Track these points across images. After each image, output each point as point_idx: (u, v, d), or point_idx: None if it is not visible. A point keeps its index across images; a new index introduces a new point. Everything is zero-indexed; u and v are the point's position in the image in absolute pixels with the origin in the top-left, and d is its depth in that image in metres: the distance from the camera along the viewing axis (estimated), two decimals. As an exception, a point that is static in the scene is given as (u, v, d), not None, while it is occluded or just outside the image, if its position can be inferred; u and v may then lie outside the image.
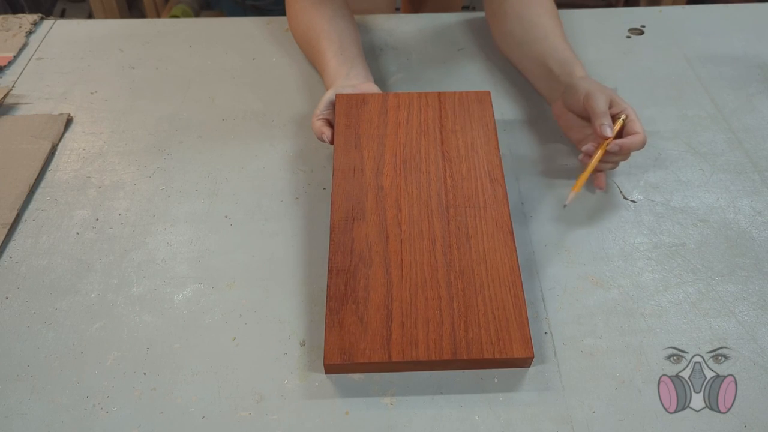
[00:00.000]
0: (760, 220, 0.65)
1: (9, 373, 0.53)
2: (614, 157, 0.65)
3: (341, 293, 0.54)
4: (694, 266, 0.60)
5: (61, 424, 0.50)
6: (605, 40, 0.88)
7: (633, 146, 0.63)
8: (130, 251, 0.62)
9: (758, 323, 0.56)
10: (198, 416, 0.50)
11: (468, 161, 0.63)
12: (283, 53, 0.86)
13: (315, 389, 0.52)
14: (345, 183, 0.61)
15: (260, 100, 0.79)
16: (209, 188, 0.68)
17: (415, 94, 0.69)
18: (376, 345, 0.51)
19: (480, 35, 0.88)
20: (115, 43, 0.88)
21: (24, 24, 0.90)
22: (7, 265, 0.61)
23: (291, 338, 0.55)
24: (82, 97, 0.79)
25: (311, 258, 0.61)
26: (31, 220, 0.65)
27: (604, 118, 0.63)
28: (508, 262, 0.56)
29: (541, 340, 0.55)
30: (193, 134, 0.74)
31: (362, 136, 0.65)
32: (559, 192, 0.67)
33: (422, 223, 0.58)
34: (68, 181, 0.69)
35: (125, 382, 0.52)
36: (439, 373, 0.53)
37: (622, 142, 0.62)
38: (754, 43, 0.87)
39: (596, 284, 0.59)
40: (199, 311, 0.57)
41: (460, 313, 0.52)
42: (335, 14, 0.77)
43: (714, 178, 0.69)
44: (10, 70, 0.83)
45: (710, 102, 0.78)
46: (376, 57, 0.85)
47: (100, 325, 0.56)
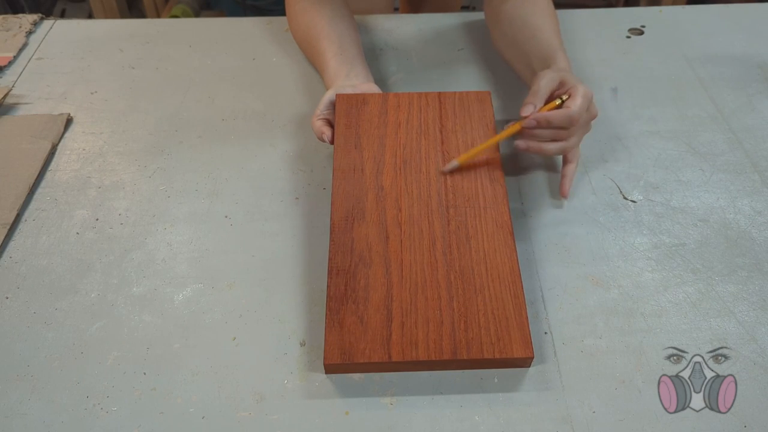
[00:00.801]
0: (760, 220, 0.65)
1: (9, 373, 0.53)
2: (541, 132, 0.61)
3: (341, 293, 0.54)
4: (694, 266, 0.60)
5: (61, 424, 0.50)
6: (605, 40, 0.88)
7: (552, 119, 0.59)
8: (130, 251, 0.62)
9: (758, 323, 0.56)
10: (198, 416, 0.50)
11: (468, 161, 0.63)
12: (283, 53, 0.86)
13: (315, 389, 0.52)
14: (345, 183, 0.61)
15: (260, 100, 0.79)
16: (209, 188, 0.68)
17: (415, 94, 0.69)
18: (376, 345, 0.51)
19: (480, 35, 0.88)
20: (115, 43, 0.88)
21: (24, 24, 0.90)
22: (7, 265, 0.61)
23: (291, 338, 0.55)
24: (82, 97, 0.79)
25: (311, 258, 0.61)
26: (31, 220, 0.65)
27: (530, 97, 0.60)
28: (508, 262, 0.56)
29: (541, 340, 0.55)
30: (193, 134, 0.74)
31: (362, 136, 0.65)
32: (559, 192, 0.67)
33: (422, 223, 0.58)
34: (68, 181, 0.69)
35: (125, 382, 0.52)
36: (439, 373, 0.53)
37: (537, 115, 0.60)
38: (754, 43, 0.87)
39: (596, 284, 0.59)
40: (199, 311, 0.57)
41: (460, 313, 0.52)
42: (335, 14, 0.77)
43: (714, 178, 0.69)
44: (10, 70, 0.83)
45: (710, 102, 0.78)
46: (376, 57, 0.85)
47: (100, 325, 0.56)
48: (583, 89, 0.61)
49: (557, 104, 0.61)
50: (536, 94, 0.61)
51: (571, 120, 0.60)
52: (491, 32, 0.83)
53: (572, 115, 0.60)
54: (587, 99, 0.61)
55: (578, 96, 0.60)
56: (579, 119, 0.60)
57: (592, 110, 0.63)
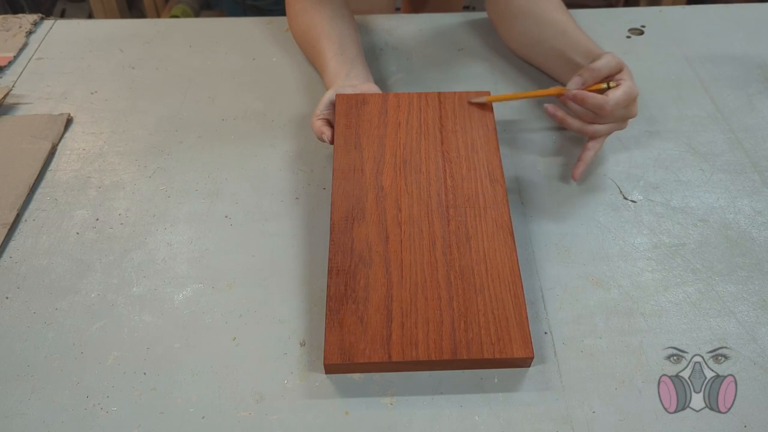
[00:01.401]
0: (760, 220, 0.65)
1: (9, 373, 0.53)
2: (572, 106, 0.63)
3: (341, 293, 0.54)
4: (694, 266, 0.60)
5: (61, 424, 0.50)
6: (605, 40, 0.88)
7: (587, 99, 0.61)
8: (130, 251, 0.62)
9: (758, 323, 0.56)
10: (198, 416, 0.50)
11: (468, 161, 0.63)
12: (283, 53, 0.86)
13: (315, 389, 0.52)
14: (345, 183, 0.61)
15: (260, 100, 0.79)
16: (209, 188, 0.68)
17: (415, 94, 0.69)
18: (376, 345, 0.51)
19: (480, 35, 0.88)
20: (115, 43, 0.88)
21: (24, 24, 0.90)
22: (7, 265, 0.61)
23: (291, 338, 0.55)
24: (82, 97, 0.80)
25: (311, 258, 0.61)
26: (31, 220, 0.65)
27: (585, 71, 0.62)
28: (508, 262, 0.56)
29: (541, 340, 0.55)
30: (193, 134, 0.74)
31: (362, 136, 0.65)
32: (559, 192, 0.67)
33: (422, 223, 0.58)
34: (68, 181, 0.69)
35: (125, 382, 0.52)
36: (439, 373, 0.53)
37: (576, 91, 0.61)
38: (754, 43, 0.87)
39: (596, 284, 0.59)
40: (199, 311, 0.57)
41: (460, 313, 0.52)
42: (335, 14, 0.77)
43: (714, 178, 0.69)
44: (10, 70, 0.83)
45: (710, 102, 0.78)
46: (376, 57, 0.85)
47: (100, 325, 0.56)
48: (629, 86, 0.62)
49: (603, 87, 0.62)
50: (592, 70, 0.62)
51: (603, 109, 0.61)
52: (502, 31, 0.82)
53: (605, 105, 0.61)
54: (629, 97, 0.62)
55: (620, 90, 0.62)
56: (611, 112, 0.62)
57: (632, 109, 0.64)
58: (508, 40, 0.82)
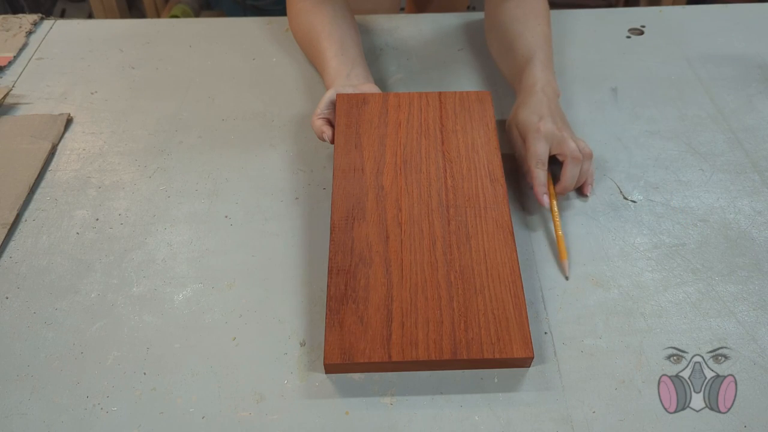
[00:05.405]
0: (760, 220, 0.65)
1: (9, 373, 0.53)
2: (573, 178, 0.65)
3: (341, 293, 0.54)
4: (694, 266, 0.60)
5: (61, 424, 0.50)
6: (605, 40, 0.88)
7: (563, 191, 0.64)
8: (130, 251, 0.62)
9: (758, 323, 0.56)
10: (198, 416, 0.50)
11: (468, 161, 0.63)
12: (283, 53, 0.86)
13: (315, 389, 0.52)
14: (345, 183, 0.61)
15: (260, 100, 0.79)
16: (209, 188, 0.68)
17: (416, 94, 0.69)
18: (376, 345, 0.51)
19: (480, 36, 0.88)
20: (115, 43, 0.88)
21: (24, 24, 0.90)
22: (7, 265, 0.61)
23: (291, 338, 0.55)
24: (82, 97, 0.79)
25: (311, 258, 0.61)
26: (31, 220, 0.65)
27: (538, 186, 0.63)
28: (508, 262, 0.55)
29: (541, 340, 0.55)
30: (193, 134, 0.74)
31: (362, 135, 0.65)
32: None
33: (422, 223, 0.58)
34: (68, 181, 0.69)
35: (125, 382, 0.52)
36: (439, 373, 0.53)
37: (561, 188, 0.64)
38: (754, 43, 0.87)
39: (596, 284, 0.59)
40: (199, 311, 0.57)
41: (460, 313, 0.52)
42: (336, 15, 0.77)
43: (714, 178, 0.69)
44: (10, 70, 0.83)
45: (710, 102, 0.78)
46: (376, 57, 0.85)
47: (100, 325, 0.56)
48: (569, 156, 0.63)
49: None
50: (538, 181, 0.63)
51: (568, 189, 0.64)
52: (486, 36, 0.83)
53: (567, 186, 0.64)
54: (576, 163, 0.63)
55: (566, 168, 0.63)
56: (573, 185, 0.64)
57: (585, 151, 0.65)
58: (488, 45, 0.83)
